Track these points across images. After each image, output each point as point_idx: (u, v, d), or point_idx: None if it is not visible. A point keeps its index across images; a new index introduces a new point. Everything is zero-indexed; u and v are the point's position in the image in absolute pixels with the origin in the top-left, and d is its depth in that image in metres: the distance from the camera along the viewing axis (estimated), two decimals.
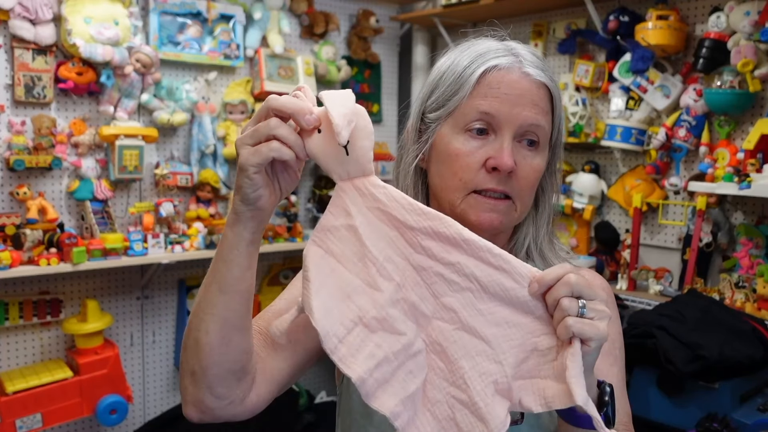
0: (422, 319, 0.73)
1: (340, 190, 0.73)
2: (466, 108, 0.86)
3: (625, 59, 2.49)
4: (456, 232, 0.72)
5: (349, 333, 0.71)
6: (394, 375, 0.70)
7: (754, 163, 2.04)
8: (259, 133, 0.70)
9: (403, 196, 0.73)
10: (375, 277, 0.71)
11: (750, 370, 1.79)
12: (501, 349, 0.70)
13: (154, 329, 2.84)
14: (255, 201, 0.73)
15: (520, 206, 0.88)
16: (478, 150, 0.85)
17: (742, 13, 2.12)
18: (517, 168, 0.85)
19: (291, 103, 0.70)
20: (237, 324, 0.77)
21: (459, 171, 0.86)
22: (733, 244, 2.28)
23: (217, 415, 0.81)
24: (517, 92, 0.85)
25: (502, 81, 0.85)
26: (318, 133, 0.71)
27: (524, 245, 0.95)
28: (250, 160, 0.70)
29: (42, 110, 2.41)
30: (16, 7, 2.25)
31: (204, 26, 2.76)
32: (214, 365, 0.77)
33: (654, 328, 1.88)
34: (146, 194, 2.70)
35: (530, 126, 0.85)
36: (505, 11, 2.93)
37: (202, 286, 0.79)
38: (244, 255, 0.76)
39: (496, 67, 0.86)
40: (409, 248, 0.73)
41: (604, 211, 2.73)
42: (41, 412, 2.28)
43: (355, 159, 0.71)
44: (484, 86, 0.86)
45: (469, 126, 0.86)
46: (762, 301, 2.01)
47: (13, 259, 2.17)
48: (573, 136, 2.62)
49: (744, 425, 1.73)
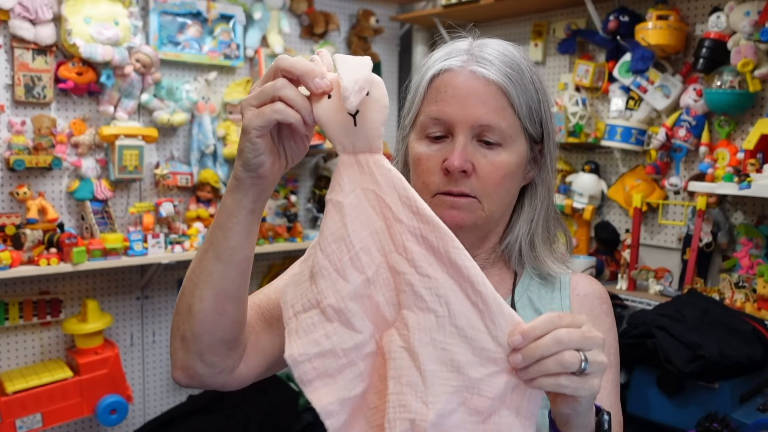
0: (382, 323, 0.68)
1: (341, 163, 0.68)
2: (422, 115, 0.88)
3: (625, 59, 2.49)
4: (444, 248, 0.65)
5: (305, 312, 0.67)
6: (341, 372, 0.66)
7: (754, 163, 2.04)
8: (265, 94, 0.67)
9: (404, 186, 0.67)
10: (345, 265, 0.66)
11: (750, 370, 1.79)
12: (433, 390, 0.64)
13: (154, 329, 2.84)
14: (257, 167, 0.69)
15: (488, 204, 0.86)
16: (436, 153, 0.86)
17: (742, 13, 2.12)
18: (477, 167, 0.84)
19: (301, 64, 0.66)
20: (232, 294, 0.76)
21: (422, 175, 0.87)
22: (733, 244, 2.28)
23: (206, 383, 0.81)
24: (464, 93, 0.84)
25: (449, 84, 0.85)
26: (328, 99, 0.67)
27: (516, 245, 0.93)
28: (253, 122, 0.67)
29: (42, 110, 2.41)
30: (16, 7, 2.25)
31: (204, 26, 2.76)
32: (205, 333, 0.76)
33: (654, 328, 1.88)
34: (146, 194, 2.70)
35: (481, 126, 0.84)
36: (505, 11, 2.93)
37: (199, 251, 0.77)
38: (243, 224, 0.73)
39: (443, 71, 0.86)
40: (391, 244, 0.67)
41: (604, 211, 2.73)
42: (41, 412, 2.28)
43: (363, 132, 0.67)
44: (433, 91, 0.87)
45: (427, 132, 0.87)
46: (762, 301, 2.01)
47: (13, 259, 2.17)
48: (573, 136, 2.62)
49: (744, 425, 1.73)
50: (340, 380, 0.66)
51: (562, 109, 2.64)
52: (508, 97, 0.85)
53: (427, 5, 3.34)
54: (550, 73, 2.91)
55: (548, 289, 0.93)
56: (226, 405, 2.67)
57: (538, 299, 0.92)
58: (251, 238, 0.75)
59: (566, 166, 2.77)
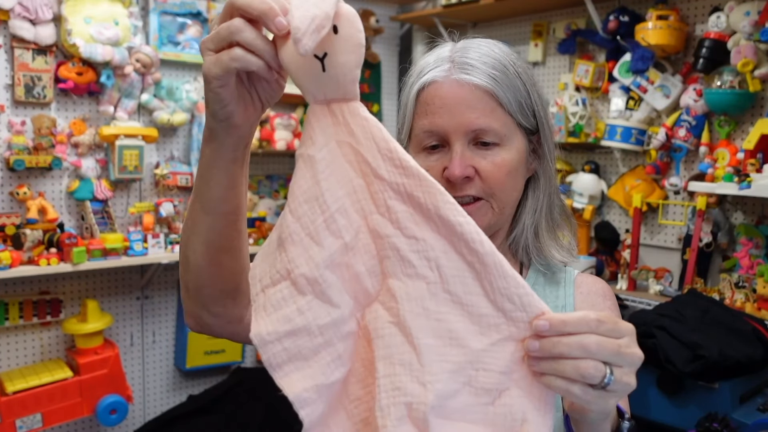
0: (363, 297, 0.59)
1: (312, 113, 0.59)
2: (415, 130, 0.89)
3: (625, 59, 2.49)
4: (433, 204, 0.56)
5: (274, 285, 0.58)
6: (316, 354, 0.56)
7: (754, 163, 2.04)
8: (220, 37, 0.60)
9: (385, 137, 0.58)
10: (319, 228, 0.57)
11: (750, 370, 1.79)
12: (430, 369, 0.55)
13: (154, 329, 2.84)
14: (227, 117, 0.64)
15: (497, 203, 0.87)
16: (435, 164, 0.86)
17: (742, 13, 2.12)
18: (479, 170, 0.85)
19: (257, 2, 0.58)
20: (225, 245, 0.73)
21: None
22: (733, 244, 2.28)
23: (216, 332, 0.80)
24: (452, 102, 0.85)
25: (436, 95, 0.86)
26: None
27: (522, 236, 0.93)
28: (211, 71, 0.61)
29: (42, 110, 2.41)
30: (16, 7, 2.25)
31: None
32: (205, 286, 0.75)
33: (654, 328, 1.87)
34: (146, 194, 2.70)
35: (475, 131, 0.85)
36: (505, 11, 2.93)
37: (189, 202, 0.75)
38: (225, 174, 0.68)
39: (428, 84, 0.87)
40: (371, 204, 0.58)
41: (604, 211, 2.73)
42: (41, 412, 2.28)
43: (333, 77, 0.57)
44: (422, 104, 0.87)
45: (423, 145, 0.88)
46: (762, 301, 2.01)
47: (13, 259, 2.17)
48: (573, 136, 2.62)
49: (744, 425, 1.73)
50: (315, 363, 0.56)
51: (562, 109, 2.64)
52: (496, 97, 0.85)
53: (427, 5, 3.34)
54: (550, 73, 2.91)
55: (553, 287, 0.94)
56: (226, 405, 2.67)
57: (543, 297, 0.92)
58: (237, 188, 0.70)
59: (566, 166, 2.77)
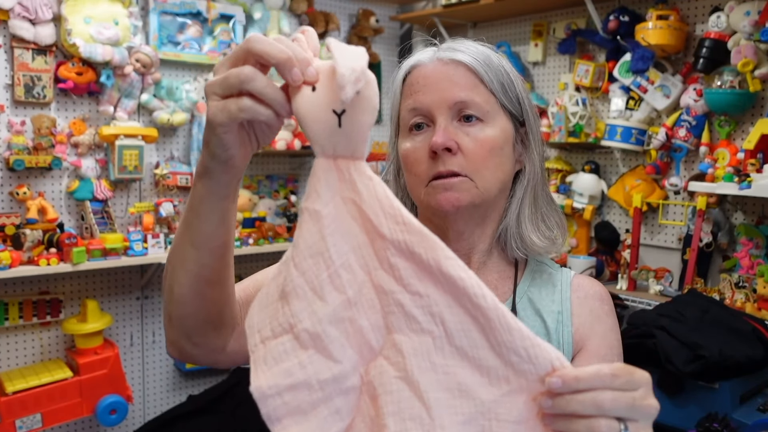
0: (367, 351, 0.59)
1: (319, 167, 0.59)
2: (402, 113, 0.91)
3: (625, 59, 2.49)
4: (435, 260, 0.56)
5: (275, 338, 0.58)
6: (315, 408, 0.56)
7: (754, 163, 2.04)
8: (228, 84, 0.59)
9: (387, 196, 0.58)
10: (323, 283, 0.57)
11: (750, 370, 1.79)
12: (441, 422, 0.55)
13: (154, 329, 2.84)
14: (226, 160, 0.64)
15: (480, 181, 0.86)
16: (421, 144, 0.88)
17: (742, 13, 2.12)
18: (461, 145, 0.85)
19: (276, 51, 0.57)
20: (211, 278, 0.73)
21: (412, 168, 0.89)
22: (733, 244, 2.28)
23: (199, 361, 0.80)
24: (434, 79, 0.87)
25: (420, 75, 0.89)
26: (311, 91, 0.58)
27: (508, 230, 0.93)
28: (217, 117, 0.60)
29: (42, 110, 2.41)
30: (15, 7, 2.25)
31: (204, 26, 2.76)
32: (188, 316, 0.75)
33: (654, 328, 1.87)
34: (146, 194, 2.70)
35: (457, 103, 0.86)
36: (505, 11, 2.93)
37: (177, 232, 0.74)
38: (216, 210, 0.69)
39: (414, 67, 0.90)
40: (375, 261, 0.59)
41: (604, 211, 2.73)
42: (41, 412, 2.28)
43: (347, 134, 0.57)
44: (408, 86, 0.90)
45: (410, 125, 0.89)
46: (762, 301, 2.01)
47: (12, 259, 2.17)
48: (573, 136, 2.62)
49: (744, 425, 1.73)
50: (313, 418, 0.56)
51: (562, 109, 2.64)
52: (478, 74, 0.87)
53: (427, 5, 3.34)
54: (550, 73, 2.91)
55: (549, 290, 0.93)
56: (226, 405, 2.67)
57: (539, 300, 0.92)
58: (226, 223, 0.70)
59: (566, 166, 2.77)
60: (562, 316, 0.90)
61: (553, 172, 2.77)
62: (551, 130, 2.70)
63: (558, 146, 2.80)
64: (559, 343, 0.89)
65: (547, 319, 0.90)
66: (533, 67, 2.96)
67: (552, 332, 0.89)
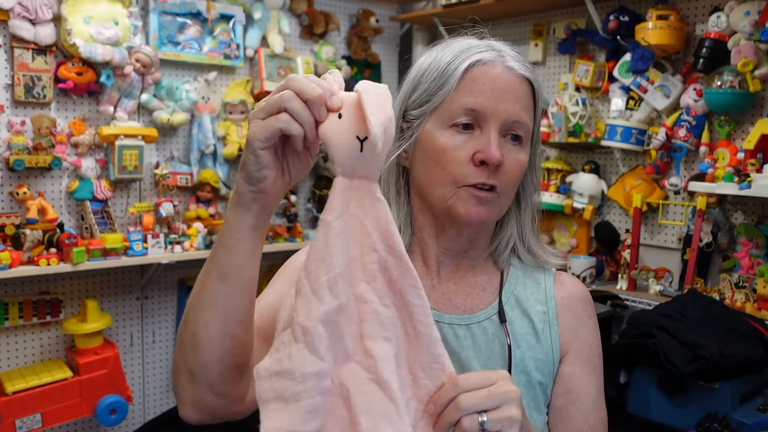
0: (341, 355, 0.65)
1: (338, 184, 0.66)
2: (451, 103, 0.85)
3: (625, 59, 2.49)
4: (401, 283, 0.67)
5: (284, 330, 0.66)
6: (297, 401, 0.62)
7: (754, 163, 2.04)
8: (270, 106, 0.66)
9: (387, 220, 0.66)
10: (322, 286, 0.64)
11: (750, 370, 1.79)
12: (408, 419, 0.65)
13: (154, 329, 2.84)
14: (259, 181, 0.68)
15: (504, 200, 0.87)
16: (465, 144, 0.84)
17: (742, 13, 2.12)
18: (504, 162, 0.84)
19: (310, 89, 0.65)
20: (240, 317, 0.72)
21: (447, 166, 0.84)
22: (733, 244, 2.28)
23: (219, 415, 0.78)
24: (502, 87, 0.84)
25: (487, 76, 0.85)
26: (338, 118, 0.66)
27: (508, 245, 0.94)
28: (257, 134, 0.66)
29: (42, 110, 2.41)
30: (15, 7, 2.25)
31: (204, 26, 2.76)
32: (215, 362, 0.72)
33: (654, 328, 1.87)
34: (146, 194, 2.70)
35: (514, 122, 0.85)
36: (505, 11, 2.93)
37: (201, 274, 0.74)
38: (247, 240, 0.70)
39: (480, 62, 0.86)
40: (360, 273, 0.66)
41: (604, 211, 2.73)
42: (41, 412, 2.28)
43: (366, 158, 0.64)
44: (469, 81, 0.85)
45: (456, 121, 0.84)
46: (762, 301, 2.01)
47: (13, 259, 2.17)
48: (573, 136, 2.62)
49: (744, 425, 1.73)
50: (294, 409, 0.62)
51: (562, 109, 2.64)
52: (535, 98, 0.88)
53: (427, 5, 3.34)
54: (550, 73, 2.91)
55: (533, 288, 0.93)
56: None
57: (525, 299, 0.92)
58: (256, 256, 0.72)
59: (566, 166, 2.77)
60: (548, 316, 0.91)
61: (553, 172, 2.77)
62: (551, 130, 2.70)
63: (558, 146, 2.80)
64: (548, 343, 0.89)
65: (534, 318, 0.90)
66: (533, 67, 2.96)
67: (540, 333, 0.90)
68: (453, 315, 0.89)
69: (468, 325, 0.88)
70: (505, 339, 0.87)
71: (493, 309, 0.89)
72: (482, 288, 0.92)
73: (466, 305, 0.90)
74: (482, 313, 0.89)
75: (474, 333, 0.87)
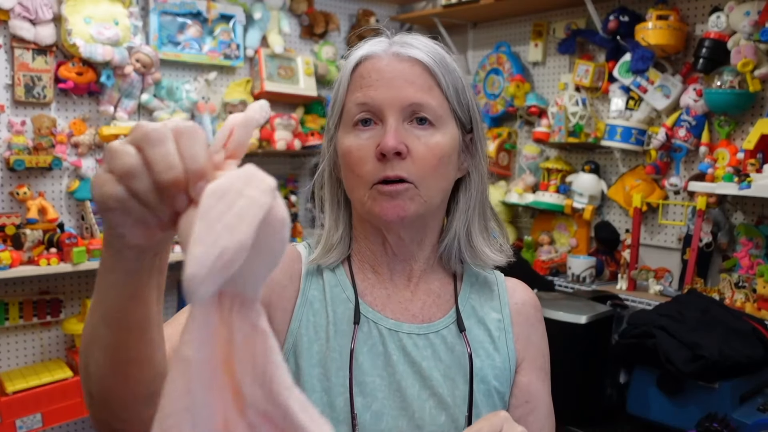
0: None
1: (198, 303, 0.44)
2: (348, 105, 0.84)
3: (625, 59, 2.49)
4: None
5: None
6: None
7: (754, 163, 2.04)
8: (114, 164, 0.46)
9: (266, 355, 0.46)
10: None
11: (750, 370, 1.79)
12: None
13: None
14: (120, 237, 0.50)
15: (425, 190, 0.81)
16: (366, 142, 0.81)
17: (742, 13, 2.12)
18: (411, 149, 0.80)
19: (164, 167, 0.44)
20: (132, 357, 0.58)
21: (355, 167, 0.82)
22: (733, 244, 2.28)
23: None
24: (389, 75, 0.81)
25: (373, 68, 0.82)
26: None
27: (455, 241, 0.89)
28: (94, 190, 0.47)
29: (42, 110, 2.41)
30: (16, 7, 2.25)
31: (204, 26, 2.76)
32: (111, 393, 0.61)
33: (654, 328, 1.87)
34: None
35: (411, 105, 0.81)
36: (505, 11, 2.93)
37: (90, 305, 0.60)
38: (126, 285, 0.54)
39: (365, 58, 0.84)
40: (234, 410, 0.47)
41: (604, 211, 2.73)
42: (41, 412, 2.28)
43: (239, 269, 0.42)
44: (357, 78, 0.83)
45: (355, 120, 0.82)
46: (762, 301, 2.01)
47: (13, 259, 2.17)
48: (573, 136, 2.62)
49: (744, 425, 1.73)
50: None
51: (562, 109, 2.64)
52: (434, 76, 0.83)
53: (427, 5, 3.34)
54: (550, 73, 2.91)
55: (487, 297, 0.92)
56: None
57: (480, 308, 0.91)
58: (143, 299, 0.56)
59: (566, 166, 2.77)
60: (503, 323, 0.90)
61: (553, 172, 2.77)
62: (551, 130, 2.70)
63: (558, 146, 2.80)
64: (505, 351, 0.89)
65: (490, 326, 0.90)
66: (533, 67, 2.96)
67: (496, 341, 0.89)
68: (412, 324, 0.86)
69: (426, 334, 0.86)
70: (464, 348, 0.85)
71: (451, 318, 0.88)
72: (437, 296, 0.90)
73: (423, 314, 0.88)
74: (440, 322, 0.87)
75: (433, 342, 0.86)
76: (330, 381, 0.81)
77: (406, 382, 0.82)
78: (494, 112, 3.00)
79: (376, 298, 0.87)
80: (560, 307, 2.02)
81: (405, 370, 0.83)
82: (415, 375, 0.83)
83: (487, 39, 3.16)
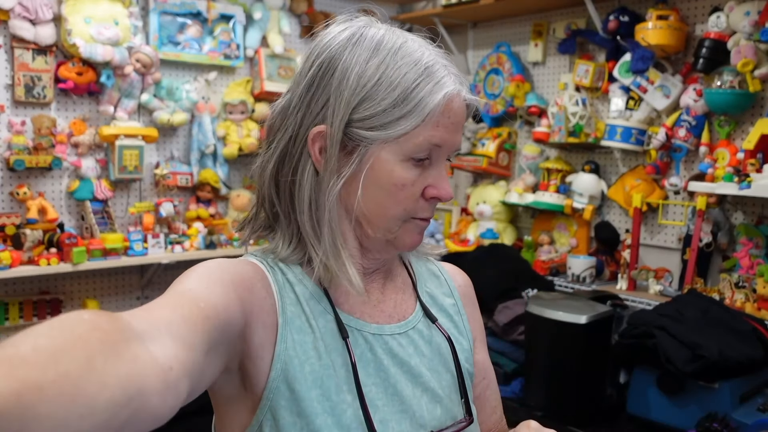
0: None
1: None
2: (416, 137, 0.77)
3: (625, 59, 2.49)
4: None
5: None
6: None
7: (754, 163, 2.04)
8: None
9: None
10: None
11: (750, 370, 1.79)
12: None
13: None
14: None
15: None
16: (418, 178, 0.79)
17: (742, 13, 2.12)
18: None
19: None
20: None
21: (403, 201, 0.79)
22: (733, 244, 2.28)
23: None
24: (458, 120, 0.80)
25: (452, 110, 0.78)
26: None
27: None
28: None
29: (42, 110, 2.41)
30: (16, 7, 2.25)
31: (204, 26, 2.76)
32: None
33: (654, 328, 1.87)
34: (146, 194, 2.70)
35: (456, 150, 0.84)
36: (505, 11, 2.93)
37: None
38: None
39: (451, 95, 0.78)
40: None
41: (604, 211, 2.73)
42: None
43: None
44: (440, 116, 0.77)
45: (417, 156, 0.78)
46: (762, 301, 2.01)
47: (13, 259, 2.17)
48: (573, 136, 2.62)
49: (744, 425, 1.73)
50: None
51: (562, 109, 2.64)
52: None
53: (427, 5, 3.34)
54: (550, 73, 2.91)
55: (437, 284, 0.96)
56: None
57: (437, 296, 0.94)
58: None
59: (566, 166, 2.77)
60: (457, 307, 0.94)
61: (553, 172, 2.77)
62: (551, 130, 2.70)
63: (558, 146, 2.80)
64: (465, 333, 0.93)
65: (450, 311, 0.93)
66: (533, 67, 2.96)
67: (458, 325, 0.92)
68: (393, 325, 0.86)
69: (406, 332, 0.86)
70: (441, 338, 0.88)
71: (419, 310, 0.89)
72: (402, 291, 0.91)
73: (397, 313, 0.88)
74: (413, 318, 0.88)
75: (413, 339, 0.86)
76: (331, 401, 0.76)
77: (401, 384, 0.82)
78: (494, 112, 3.00)
79: (353, 305, 0.84)
80: (560, 307, 2.02)
81: (396, 372, 0.82)
82: (407, 375, 0.83)
83: (487, 39, 3.16)
